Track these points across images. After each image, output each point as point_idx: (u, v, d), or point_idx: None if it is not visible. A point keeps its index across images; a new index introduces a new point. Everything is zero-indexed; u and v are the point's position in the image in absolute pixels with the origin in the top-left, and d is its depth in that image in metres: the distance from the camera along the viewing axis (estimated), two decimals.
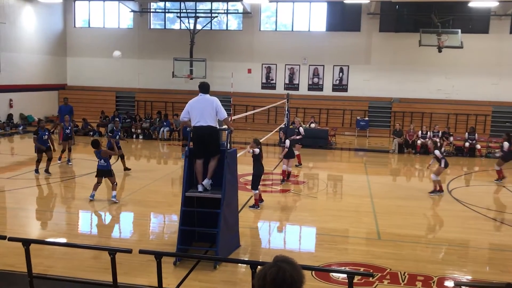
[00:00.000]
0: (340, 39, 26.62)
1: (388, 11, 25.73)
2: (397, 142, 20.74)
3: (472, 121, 24.59)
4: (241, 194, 10.21)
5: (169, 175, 15.00)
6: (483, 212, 11.51)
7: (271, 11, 28.03)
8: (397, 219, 10.83)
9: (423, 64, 25.34)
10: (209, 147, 8.08)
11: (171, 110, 26.34)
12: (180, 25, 27.47)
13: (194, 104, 8.21)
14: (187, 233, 8.26)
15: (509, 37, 25.12)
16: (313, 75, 27.40)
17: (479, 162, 19.07)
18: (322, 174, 16.33)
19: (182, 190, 8.16)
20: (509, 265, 8.34)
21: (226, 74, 26.39)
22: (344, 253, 8.63)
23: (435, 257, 8.71)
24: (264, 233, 9.99)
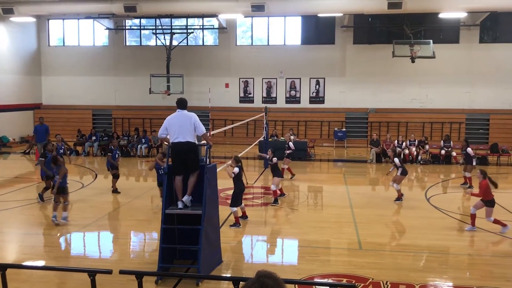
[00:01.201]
0: (315, 52, 26.95)
1: (361, 24, 26.20)
2: (374, 152, 21.00)
3: (447, 129, 25.07)
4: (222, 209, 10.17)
5: (149, 193, 14.85)
6: (460, 218, 11.68)
7: (246, 26, 28.25)
8: (377, 228, 10.92)
9: (397, 75, 25.81)
10: (189, 163, 8.04)
11: (149, 127, 26.17)
12: (156, 41, 27.44)
13: (172, 120, 8.18)
14: (168, 251, 8.18)
15: (478, 47, 25.80)
16: (290, 88, 27.62)
17: (455, 169, 19.38)
18: (303, 186, 16.38)
19: (162, 208, 8.09)
20: (489, 270, 8.47)
21: (203, 89, 26.42)
22: (327, 265, 8.64)
23: (416, 265, 8.79)
24: (246, 247, 9.94)
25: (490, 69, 25.48)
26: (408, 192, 14.98)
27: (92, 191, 14.81)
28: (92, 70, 28.55)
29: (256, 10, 18.88)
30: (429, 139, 23.13)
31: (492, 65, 25.46)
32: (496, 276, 8.17)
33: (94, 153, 22.79)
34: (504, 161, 19.98)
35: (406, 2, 17.92)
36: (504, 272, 8.36)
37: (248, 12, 19.35)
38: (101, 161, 21.70)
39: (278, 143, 21.64)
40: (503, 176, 13.35)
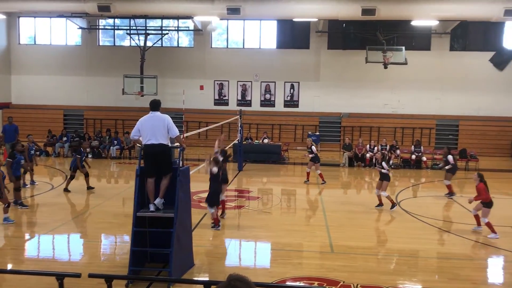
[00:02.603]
0: (290, 56, 27.13)
1: (336, 29, 26.49)
2: (347, 156, 21.25)
3: (418, 134, 25.55)
4: (194, 212, 10.11)
5: (120, 195, 14.66)
6: (430, 222, 11.92)
7: (222, 29, 28.20)
8: (349, 231, 11.04)
9: (370, 80, 26.19)
10: (161, 166, 7.98)
11: (121, 128, 25.86)
12: (130, 42, 27.15)
13: (145, 122, 8.11)
14: (139, 254, 8.08)
15: (449, 54, 26.43)
16: (265, 91, 27.72)
17: (426, 174, 19.78)
18: (276, 189, 16.43)
19: (133, 210, 8.00)
20: (456, 273, 8.65)
21: (178, 90, 26.23)
22: (299, 268, 8.69)
23: (386, 268, 8.92)
24: (219, 250, 9.91)
25: (460, 77, 26.13)
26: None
27: (62, 193, 14.51)
28: (64, 70, 28.04)
29: (232, 13, 18.86)
30: (400, 144, 23.55)
31: (462, 72, 26.12)
32: (462, 278, 8.36)
33: (65, 154, 22.36)
34: (472, 166, 20.48)
35: (379, 9, 18.18)
36: (470, 275, 8.56)
37: (223, 14, 19.31)
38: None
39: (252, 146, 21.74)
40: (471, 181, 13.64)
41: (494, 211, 12.97)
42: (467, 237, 10.69)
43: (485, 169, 20.40)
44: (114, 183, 17.48)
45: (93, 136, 23.95)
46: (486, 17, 18.51)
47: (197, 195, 14.11)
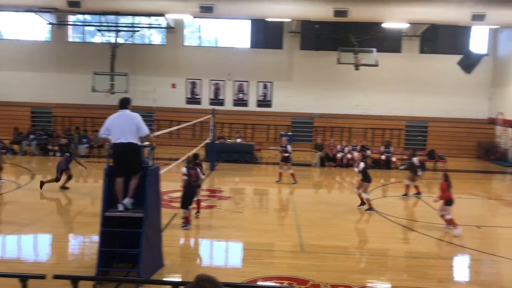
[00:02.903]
0: (264, 56, 27.17)
1: (309, 30, 26.67)
2: (318, 156, 21.43)
3: (388, 135, 25.97)
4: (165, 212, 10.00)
5: (89, 194, 14.39)
6: (399, 221, 12.12)
7: (195, 27, 28.07)
8: (319, 231, 11.11)
9: (342, 81, 26.46)
10: (130, 165, 7.85)
11: (90, 126, 25.37)
12: (101, 38, 26.69)
13: (114, 120, 7.97)
14: (108, 255, 7.94)
15: (419, 57, 26.95)
16: (238, 91, 27.68)
17: (395, 174, 20.10)
18: (248, 188, 16.43)
19: (102, 210, 7.85)
20: (424, 272, 8.82)
21: (149, 88, 26.04)
22: (269, 267, 8.70)
23: (356, 267, 9.02)
24: (189, 251, 9.84)
25: (429, 79, 26.68)
26: (350, 195, 15.35)
27: (29, 192, 14.16)
28: (31, 66, 27.34)
29: (205, 11, 18.77)
30: (370, 144, 23.87)
31: (431, 75, 26.66)
32: (429, 277, 8.52)
33: (32, 152, 21.82)
34: (440, 167, 20.92)
35: (351, 11, 18.41)
36: (436, 273, 8.74)
37: (196, 13, 19.20)
38: (39, 160, 20.84)
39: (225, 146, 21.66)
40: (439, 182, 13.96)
41: (460, 211, 13.28)
42: (435, 236, 10.91)
43: (453, 170, 20.90)
44: (82, 182, 17.13)
45: (62, 134, 23.44)
46: (454, 21, 18.98)
47: (167, 194, 13.97)
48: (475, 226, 11.93)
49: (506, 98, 25.20)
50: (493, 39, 26.71)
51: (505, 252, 10.03)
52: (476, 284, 8.37)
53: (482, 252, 9.89)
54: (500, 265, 9.40)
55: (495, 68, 26.62)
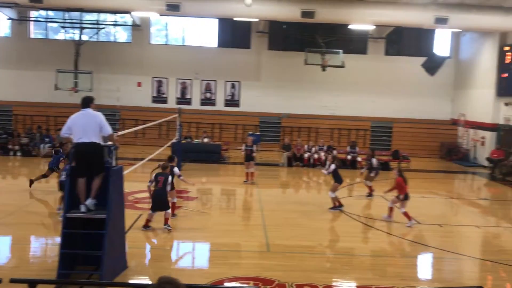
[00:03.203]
0: (231, 56, 27.10)
1: (276, 30, 26.75)
2: (286, 156, 21.52)
3: (354, 135, 26.33)
4: (129, 213, 9.82)
5: (51, 195, 13.98)
6: (364, 220, 12.28)
7: (161, 25, 27.73)
8: (285, 230, 11.14)
9: (309, 82, 26.66)
10: (93, 165, 7.66)
11: (53, 125, 24.71)
12: (64, 35, 26.04)
13: (76, 119, 7.76)
14: (69, 257, 7.72)
15: (384, 58, 27.44)
16: (206, 90, 27.51)
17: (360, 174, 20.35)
18: (215, 189, 16.34)
19: (63, 211, 7.63)
20: (387, 270, 8.95)
21: (114, 87, 25.59)
22: (235, 268, 8.65)
23: (321, 266, 9.07)
24: (154, 252, 9.67)
25: (394, 80, 27.21)
26: (316, 195, 15.49)
27: None
28: None
29: (171, 9, 18.55)
30: (337, 144, 24.14)
31: (396, 76, 27.21)
32: (393, 275, 8.66)
33: None
34: (404, 167, 21.30)
35: (318, 12, 18.55)
36: (399, 272, 8.89)
37: (163, 11, 18.95)
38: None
39: (192, 145, 21.47)
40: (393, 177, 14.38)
41: (423, 210, 13.60)
42: (398, 235, 11.10)
43: (416, 170, 21.40)
44: (44, 182, 16.64)
45: (23, 134, 22.75)
46: (419, 23, 19.38)
47: (132, 195, 13.75)
48: (438, 224, 12.20)
49: (467, 100, 25.95)
50: (455, 42, 27.46)
51: (466, 250, 10.31)
52: (438, 281, 8.55)
53: (444, 250, 10.12)
54: (461, 262, 9.65)
55: (457, 70, 27.38)
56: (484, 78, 24.13)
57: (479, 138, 24.12)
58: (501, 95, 22.81)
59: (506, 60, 22.41)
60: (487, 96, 23.74)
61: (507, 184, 19.20)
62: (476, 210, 14.60)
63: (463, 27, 21.39)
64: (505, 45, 22.57)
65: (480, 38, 24.80)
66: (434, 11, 18.57)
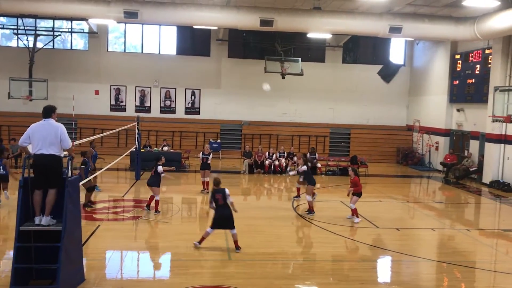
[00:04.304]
0: (191, 63, 27.01)
1: (236, 38, 26.88)
2: (247, 163, 21.57)
3: (313, 141, 26.70)
4: (86, 224, 9.58)
5: (4, 207, 13.47)
6: (323, 226, 12.43)
7: (119, 32, 27.35)
8: (247, 238, 11.11)
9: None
10: (49, 178, 7.42)
11: (6, 135, 23.88)
12: (18, 42, 25.27)
13: (36, 129, 7.52)
14: (23, 271, 7.46)
15: (341, 66, 28.03)
16: (165, 98, 27.26)
17: (320, 180, 20.62)
18: (176, 197, 16.14)
19: (16, 224, 7.37)
20: (347, 274, 9.09)
21: (70, 95, 25.02)
22: (197, 277, 8.58)
23: (282, 272, 9.11)
24: (113, 263, 9.46)
25: (351, 88, 27.84)
26: (278, 202, 15.58)
27: None
28: None
29: (129, 17, 18.33)
30: (296, 151, 24.38)
31: (353, 84, 27.85)
32: (352, 279, 8.80)
33: None
34: (363, 172, 21.75)
35: (277, 21, 18.76)
36: (359, 276, 9.04)
37: (120, 18, 18.69)
38: None
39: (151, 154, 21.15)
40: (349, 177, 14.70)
41: (381, 213, 13.92)
42: (357, 240, 11.31)
43: (374, 175, 21.90)
44: None
45: None
46: (374, 32, 19.89)
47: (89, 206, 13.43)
48: (395, 228, 12.50)
49: (421, 106, 26.81)
50: (409, 51, 28.36)
51: (423, 253, 10.61)
52: (397, 284, 8.74)
53: (402, 254, 10.38)
54: (418, 264, 9.92)
55: (412, 78, 28.27)
56: (437, 85, 25.03)
57: (433, 143, 24.94)
58: (453, 102, 23.71)
59: (457, 68, 23.34)
60: (440, 103, 24.62)
61: (460, 187, 19.92)
62: (432, 213, 15.05)
63: (416, 36, 22.12)
64: (456, 54, 23.52)
65: (432, 46, 25.72)
66: (388, 20, 19.13)
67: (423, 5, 19.24)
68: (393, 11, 19.65)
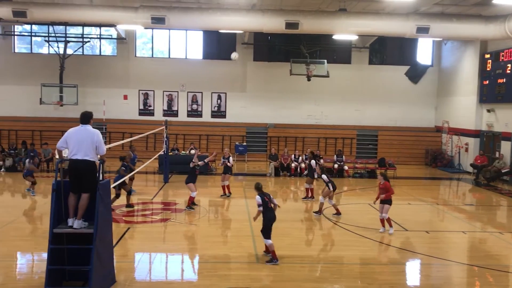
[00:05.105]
0: (217, 67, 27.22)
1: (261, 42, 26.96)
2: (273, 166, 21.58)
3: (340, 144, 26.51)
4: (117, 226, 9.76)
5: (37, 210, 13.85)
6: (351, 229, 12.34)
7: (147, 38, 27.78)
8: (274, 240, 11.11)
9: (294, 92, 26.87)
10: (83, 182, 7.61)
11: (38, 139, 24.52)
12: (49, 49, 25.95)
13: (73, 134, 7.73)
14: (56, 272, 7.66)
15: (368, 67, 27.78)
16: (192, 102, 27.55)
17: (347, 182, 20.50)
18: (203, 200, 16.28)
19: (50, 227, 7.58)
20: (376, 278, 9.01)
21: (99, 100, 25.50)
22: (225, 279, 8.64)
23: (310, 275, 9.10)
24: (143, 266, 9.62)
25: (378, 89, 27.56)
26: (303, 204, 15.54)
27: None
28: None
29: (156, 22, 18.61)
30: (323, 153, 24.29)
31: (380, 85, 27.56)
32: (381, 283, 8.71)
33: None
34: (391, 175, 21.48)
35: (302, 23, 18.75)
36: (388, 279, 8.95)
37: (148, 24, 19.00)
38: None
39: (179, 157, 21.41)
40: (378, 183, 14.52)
41: (410, 216, 13.75)
42: (385, 243, 11.19)
43: (402, 177, 21.61)
44: (29, 198, 16.48)
45: (8, 147, 22.51)
46: (400, 33, 19.67)
47: (120, 209, 13.68)
48: (425, 231, 12.32)
49: (450, 107, 26.34)
50: (437, 51, 27.91)
51: (454, 256, 10.43)
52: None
53: (432, 257, 10.23)
54: (449, 268, 9.75)
55: (440, 78, 27.80)
56: (466, 86, 24.55)
57: (463, 144, 24.46)
58: (483, 102, 23.21)
59: (487, 68, 22.85)
60: (469, 103, 24.14)
61: (491, 189, 19.48)
62: (462, 215, 14.77)
63: (444, 36, 21.77)
64: (486, 53, 23.03)
65: (461, 46, 25.26)
66: (415, 21, 18.89)
67: (451, 5, 18.93)
68: (420, 11, 19.39)
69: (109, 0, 19.92)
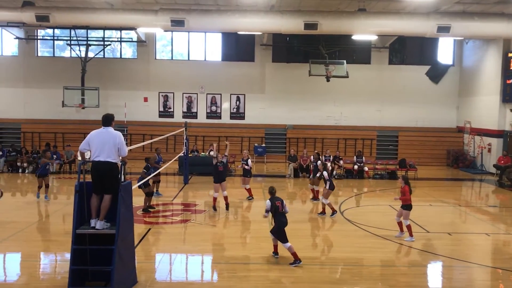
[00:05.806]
0: (236, 69, 27.31)
1: (280, 43, 26.96)
2: (292, 167, 21.54)
3: (360, 145, 26.33)
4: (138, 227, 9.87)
5: (60, 211, 14.09)
6: (372, 230, 12.24)
7: (166, 40, 28.03)
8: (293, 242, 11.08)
9: (313, 93, 26.78)
10: (105, 184, 7.72)
11: (61, 141, 24.96)
12: (71, 52, 26.39)
13: (95, 136, 7.86)
14: (79, 273, 7.79)
15: (388, 68, 27.53)
16: (211, 104, 27.69)
17: (368, 183, 20.35)
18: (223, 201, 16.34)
19: (73, 227, 7.71)
20: (397, 280, 8.93)
21: (120, 103, 25.83)
22: (244, 281, 8.66)
23: (330, 277, 9.06)
24: (163, 266, 9.71)
25: (398, 89, 27.29)
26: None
27: None
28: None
29: (176, 25, 18.76)
30: (343, 154, 24.15)
31: (400, 85, 27.29)
32: (402, 285, 8.63)
33: (0, 169, 21.29)
34: (412, 176, 21.25)
35: (321, 24, 18.68)
36: (409, 281, 8.86)
37: (167, 26, 19.16)
38: (8, 177, 20.34)
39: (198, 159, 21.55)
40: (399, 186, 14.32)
41: (431, 218, 13.58)
42: (407, 245, 11.07)
43: (423, 178, 21.36)
44: (53, 199, 16.76)
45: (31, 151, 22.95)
46: (421, 33, 19.44)
47: (140, 210, 13.82)
48: (447, 233, 12.16)
49: (472, 107, 25.93)
50: (458, 50, 27.51)
51: (476, 258, 10.26)
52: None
53: (454, 259, 10.09)
54: (472, 270, 9.60)
55: (461, 78, 27.40)
56: (489, 85, 24.14)
57: (486, 145, 24.05)
58: (506, 102, 22.78)
59: (510, 67, 22.43)
60: (492, 103, 23.73)
61: None
62: (485, 217, 14.52)
63: (465, 35, 21.45)
64: (509, 52, 22.61)
65: (483, 45, 24.85)
66: (436, 20, 18.65)
67: (472, 3, 18.64)
68: (440, 10, 19.15)
69: (130, 4, 20.17)
